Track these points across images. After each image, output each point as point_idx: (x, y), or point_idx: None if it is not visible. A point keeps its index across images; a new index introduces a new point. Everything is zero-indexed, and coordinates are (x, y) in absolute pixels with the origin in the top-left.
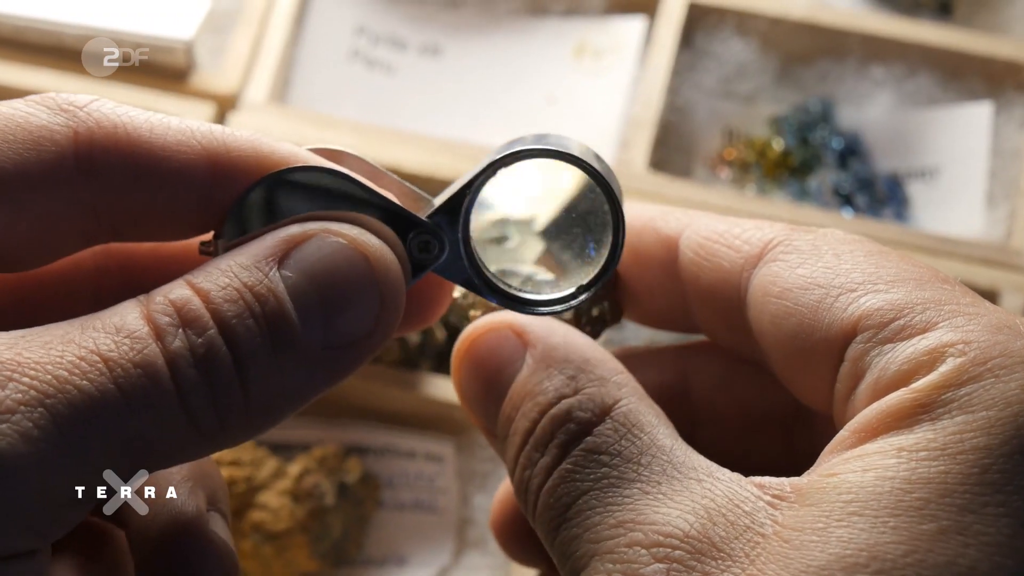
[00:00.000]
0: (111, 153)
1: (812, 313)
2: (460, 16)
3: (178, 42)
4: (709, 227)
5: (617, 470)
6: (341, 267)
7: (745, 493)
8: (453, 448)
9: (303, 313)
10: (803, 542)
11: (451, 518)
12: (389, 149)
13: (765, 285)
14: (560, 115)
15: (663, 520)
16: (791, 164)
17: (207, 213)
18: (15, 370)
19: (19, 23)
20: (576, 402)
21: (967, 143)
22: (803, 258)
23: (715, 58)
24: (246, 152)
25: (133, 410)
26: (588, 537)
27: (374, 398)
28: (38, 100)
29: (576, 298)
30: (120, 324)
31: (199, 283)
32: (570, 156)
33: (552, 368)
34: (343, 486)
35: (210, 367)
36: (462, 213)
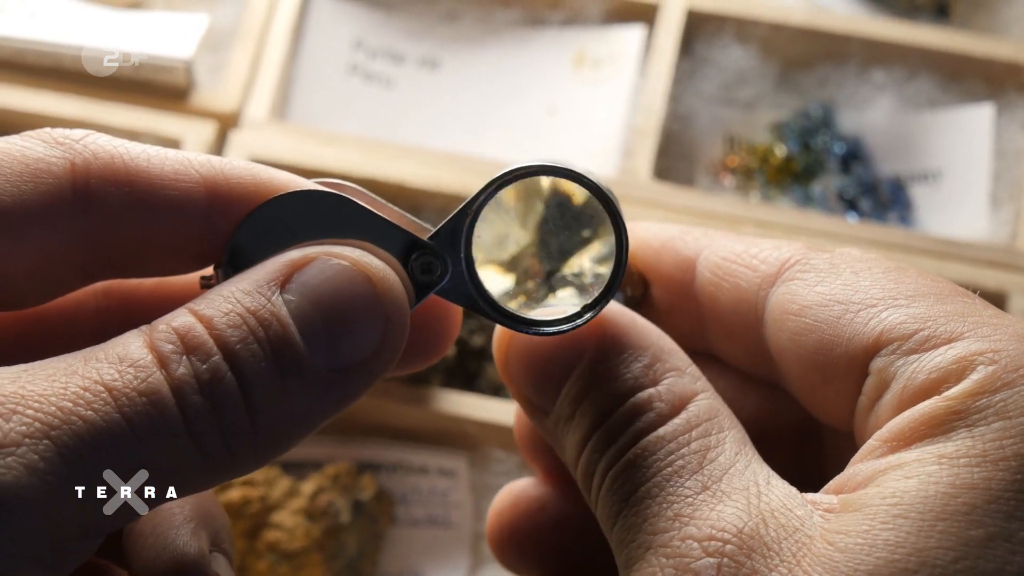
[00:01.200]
0: (109, 183)
1: (833, 329)
2: (458, 28)
3: (178, 61)
4: (727, 247)
5: (683, 459)
6: (344, 289)
7: (798, 501)
8: (466, 463)
9: (308, 336)
10: (848, 545)
11: (466, 533)
12: (392, 163)
13: (783, 303)
14: (561, 125)
15: (717, 517)
16: (794, 170)
17: (207, 243)
18: (19, 403)
19: (17, 45)
20: (656, 392)
21: (969, 145)
22: (821, 276)
23: (715, 65)
24: (244, 180)
25: (139, 439)
26: (645, 528)
27: (385, 414)
28: (33, 134)
29: (580, 317)
30: (123, 354)
31: (201, 310)
32: (570, 172)
33: (625, 354)
34: (358, 503)
35: (215, 393)
36: (464, 233)
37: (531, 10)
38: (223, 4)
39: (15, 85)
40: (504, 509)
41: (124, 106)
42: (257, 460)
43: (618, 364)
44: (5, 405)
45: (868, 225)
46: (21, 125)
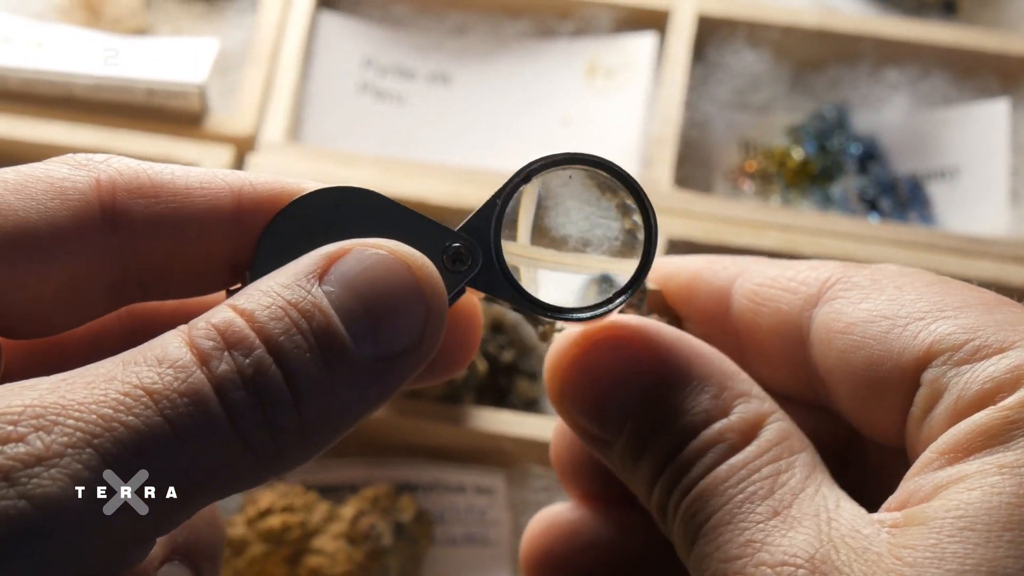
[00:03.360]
0: (135, 196)
1: (881, 344)
2: (467, 43)
3: (191, 86)
4: (761, 273)
5: (754, 485)
6: (384, 277)
7: (865, 520)
8: (504, 480)
9: (351, 326)
10: (916, 559)
11: (505, 550)
12: (412, 181)
13: (829, 323)
14: (576, 136)
15: (789, 543)
16: (811, 172)
17: (237, 249)
18: (59, 413)
19: (27, 76)
20: (727, 423)
21: (986, 141)
22: (864, 293)
23: (728, 70)
24: (271, 185)
25: (184, 441)
26: (718, 556)
27: (420, 434)
28: (55, 159)
29: (612, 303)
30: (162, 355)
31: (241, 304)
32: (593, 159)
33: (691, 385)
34: (399, 525)
35: (260, 387)
36: (493, 221)
37: (541, 21)
38: (231, 27)
39: (26, 116)
40: (538, 534)
41: (138, 133)
42: (305, 454)
43: (685, 397)
44: (46, 417)
45: (891, 225)
46: (34, 156)
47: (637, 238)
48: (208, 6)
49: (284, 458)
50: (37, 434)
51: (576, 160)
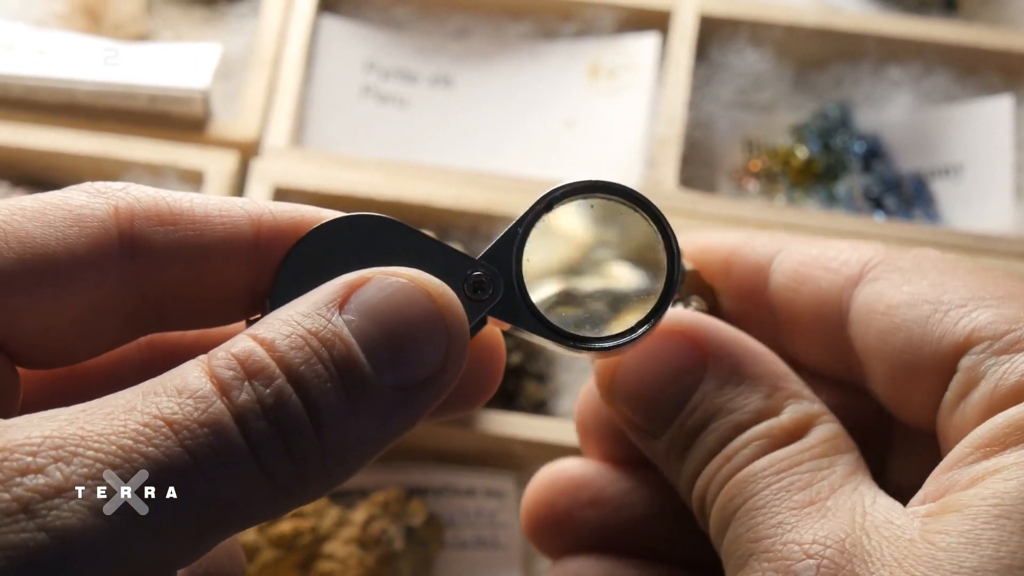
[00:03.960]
0: (154, 224)
1: (921, 328)
2: (469, 45)
3: (194, 92)
4: (802, 251)
5: (792, 477)
6: (405, 306)
7: (898, 512)
8: (514, 482)
9: (371, 355)
10: (950, 544)
11: (515, 553)
12: (416, 185)
13: (869, 303)
14: (580, 138)
15: (820, 527)
16: (815, 171)
17: (256, 277)
18: (79, 444)
19: (29, 83)
20: (777, 422)
21: (990, 138)
22: (907, 276)
23: (730, 70)
24: (291, 214)
25: (204, 472)
26: (748, 536)
27: (429, 438)
28: (72, 187)
29: (635, 333)
30: (182, 385)
31: (261, 334)
32: (617, 187)
33: (743, 384)
34: (410, 530)
35: (281, 417)
36: (514, 249)
37: (542, 23)
38: (231, 32)
39: (29, 124)
40: (542, 486)
41: (142, 140)
42: (327, 484)
43: (737, 395)
44: (65, 448)
45: (897, 223)
46: (38, 164)
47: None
48: (209, 11)
49: (306, 488)
50: (56, 465)
51: (597, 188)
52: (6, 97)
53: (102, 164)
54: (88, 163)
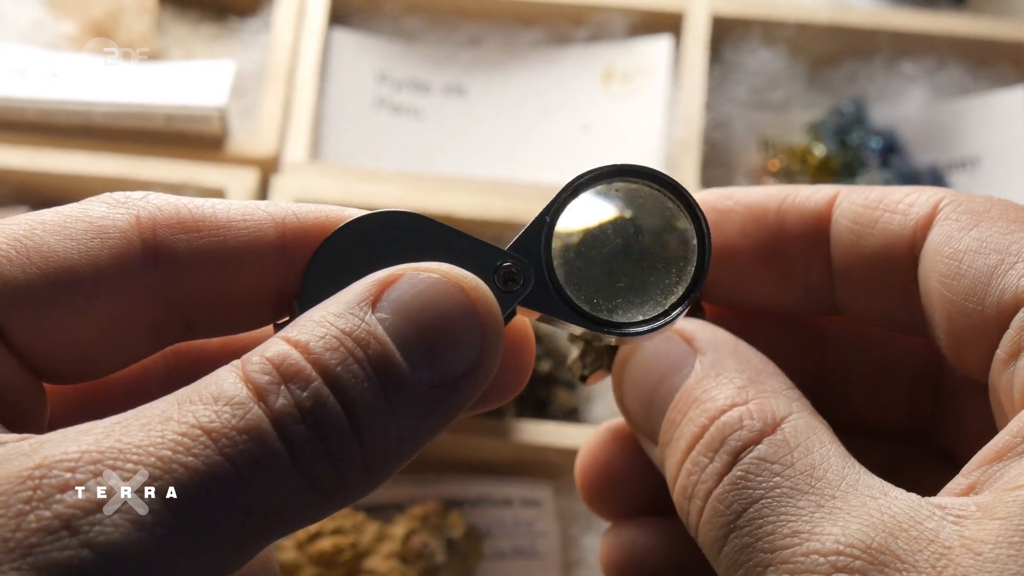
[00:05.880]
0: (176, 231)
1: (985, 277)
2: (481, 53)
3: (211, 109)
4: (863, 195)
5: (790, 481)
6: (438, 302)
7: (926, 511)
8: (551, 491)
9: (407, 353)
10: (998, 555)
11: (554, 562)
12: (437, 195)
13: (937, 245)
14: (597, 143)
15: (841, 532)
16: (833, 168)
17: (283, 279)
18: (117, 457)
19: (44, 106)
20: (747, 411)
21: (1006, 129)
22: (977, 219)
23: (744, 70)
24: (315, 214)
25: (245, 479)
26: (761, 546)
27: (464, 449)
28: (92, 199)
29: (669, 315)
30: (218, 392)
31: (295, 336)
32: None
33: (722, 376)
34: (450, 542)
35: (319, 419)
36: (543, 238)
37: (554, 28)
38: (242, 48)
39: (46, 147)
40: (599, 444)
41: (161, 160)
42: (368, 486)
43: (713, 386)
44: (104, 462)
45: None
46: (57, 187)
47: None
48: (218, 28)
49: (347, 490)
50: (96, 480)
51: (623, 172)
52: (22, 121)
53: (121, 185)
54: (107, 185)
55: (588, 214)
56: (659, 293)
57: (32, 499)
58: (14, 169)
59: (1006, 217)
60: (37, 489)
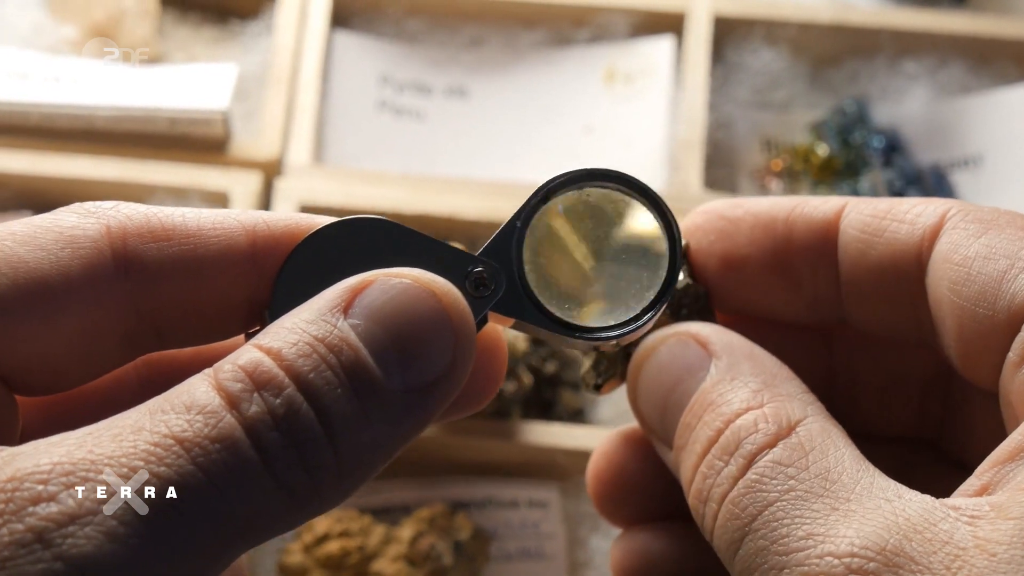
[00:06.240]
0: (147, 240)
1: (996, 283)
2: (482, 55)
3: (214, 112)
4: (871, 205)
5: (804, 484)
6: (410, 307)
7: (940, 512)
8: (558, 493)
9: (380, 359)
10: (1012, 556)
11: (560, 563)
12: (441, 197)
13: (946, 253)
14: (600, 144)
15: (855, 534)
16: (836, 167)
17: (254, 288)
18: (89, 468)
19: (46, 110)
20: (762, 414)
21: (1009, 128)
22: (985, 227)
23: (746, 70)
24: (286, 222)
25: (219, 488)
26: (776, 549)
27: (470, 451)
28: (62, 209)
29: (640, 319)
30: (190, 401)
31: (267, 343)
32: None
33: (737, 380)
34: (457, 544)
35: (293, 427)
36: (514, 243)
37: (556, 29)
38: (243, 51)
39: (49, 152)
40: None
41: (164, 163)
42: (341, 492)
43: (728, 390)
44: (76, 473)
45: None
46: (60, 192)
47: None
48: (219, 31)
49: (321, 498)
50: (68, 492)
51: (594, 176)
52: (24, 125)
53: (125, 189)
54: (111, 189)
55: (559, 219)
56: (631, 298)
57: (4, 512)
58: (16, 173)
59: (1014, 224)
60: (9, 502)
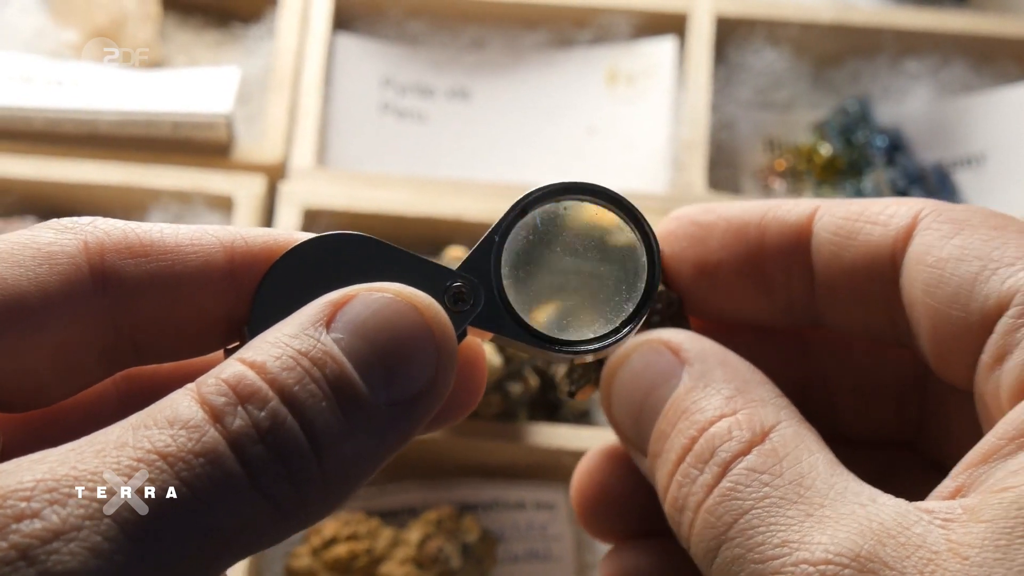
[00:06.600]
0: (124, 256)
1: (969, 284)
2: (484, 56)
3: (218, 116)
4: (843, 207)
5: (779, 491)
6: (393, 321)
7: (913, 516)
8: (565, 494)
9: (364, 372)
10: (985, 560)
11: (568, 565)
12: (446, 200)
13: (919, 254)
14: (604, 145)
15: (830, 540)
16: (839, 167)
17: (232, 304)
18: (73, 484)
19: (50, 115)
20: (735, 421)
21: (1011, 126)
22: (958, 228)
23: (749, 70)
24: (264, 239)
25: (204, 503)
26: (752, 557)
27: (477, 453)
28: (39, 225)
29: (620, 332)
30: (173, 416)
31: (251, 357)
32: (591, 187)
33: (710, 387)
34: (465, 547)
35: (278, 439)
36: (492, 258)
37: (558, 31)
38: (245, 55)
39: (53, 156)
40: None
41: (168, 168)
42: (327, 506)
43: (701, 398)
44: (59, 490)
45: None
46: (65, 197)
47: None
48: (221, 34)
49: (307, 511)
50: (52, 508)
51: (571, 189)
52: (28, 130)
53: (129, 194)
54: (115, 193)
55: (537, 232)
56: (610, 310)
57: None
58: (21, 179)
59: (987, 224)
60: None
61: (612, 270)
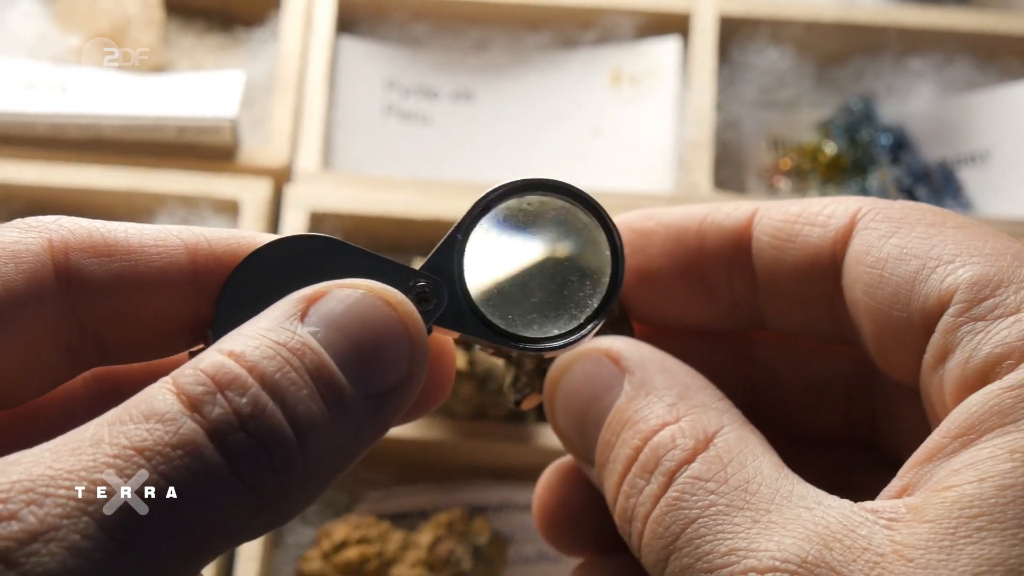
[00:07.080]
0: (89, 255)
1: (908, 284)
2: (488, 58)
3: (223, 120)
4: (782, 209)
5: (725, 498)
6: (368, 315)
7: (858, 518)
8: None
9: (342, 365)
10: (929, 561)
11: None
12: (452, 202)
13: (858, 255)
14: (609, 146)
15: (776, 547)
16: (844, 166)
17: (195, 306)
18: (49, 484)
19: (55, 121)
20: (679, 429)
21: (1015, 123)
22: (896, 226)
23: (752, 69)
24: (228, 241)
25: (184, 495)
26: (701, 566)
27: (486, 455)
28: (3, 225)
29: (583, 329)
30: (148, 410)
31: (228, 347)
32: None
33: (652, 395)
34: (476, 549)
35: (260, 426)
36: (455, 256)
37: (561, 32)
38: (248, 58)
39: (58, 162)
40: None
41: (173, 172)
42: (307, 498)
43: (643, 406)
44: (36, 490)
45: None
46: (71, 202)
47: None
48: (224, 38)
49: (288, 501)
50: (29, 508)
51: (534, 186)
52: (32, 136)
53: (135, 199)
54: (121, 198)
55: (500, 230)
56: (574, 307)
57: None
58: (26, 184)
59: (924, 221)
60: None
61: (576, 266)
